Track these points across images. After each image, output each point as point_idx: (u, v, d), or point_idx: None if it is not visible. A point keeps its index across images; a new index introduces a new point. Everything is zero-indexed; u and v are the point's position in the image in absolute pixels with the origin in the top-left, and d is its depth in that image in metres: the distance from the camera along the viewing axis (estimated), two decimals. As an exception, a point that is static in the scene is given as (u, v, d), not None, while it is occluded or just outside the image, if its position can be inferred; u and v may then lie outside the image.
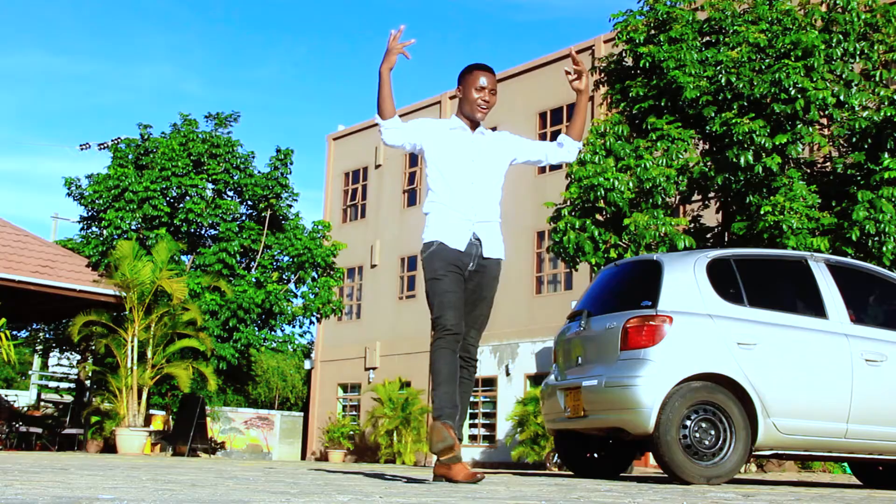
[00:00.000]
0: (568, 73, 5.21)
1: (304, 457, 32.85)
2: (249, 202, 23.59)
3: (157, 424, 23.66)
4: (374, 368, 31.95)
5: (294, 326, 23.71)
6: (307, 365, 35.82)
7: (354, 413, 32.60)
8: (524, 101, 28.62)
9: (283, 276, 23.37)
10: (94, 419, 18.94)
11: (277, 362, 43.78)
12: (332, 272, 23.90)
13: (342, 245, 24.40)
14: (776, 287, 7.28)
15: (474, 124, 5.09)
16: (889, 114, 12.40)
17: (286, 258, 23.35)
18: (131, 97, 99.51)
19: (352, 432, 30.70)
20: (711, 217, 15.24)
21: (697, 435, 6.29)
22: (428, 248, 4.92)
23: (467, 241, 4.91)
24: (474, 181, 5.01)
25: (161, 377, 17.93)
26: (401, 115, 4.98)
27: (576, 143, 5.28)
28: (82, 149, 35.87)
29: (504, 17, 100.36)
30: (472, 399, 29.05)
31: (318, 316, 23.91)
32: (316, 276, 23.54)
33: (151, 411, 22.08)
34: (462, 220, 4.95)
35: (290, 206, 23.85)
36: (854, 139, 13.12)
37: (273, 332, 23.09)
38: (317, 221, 24.24)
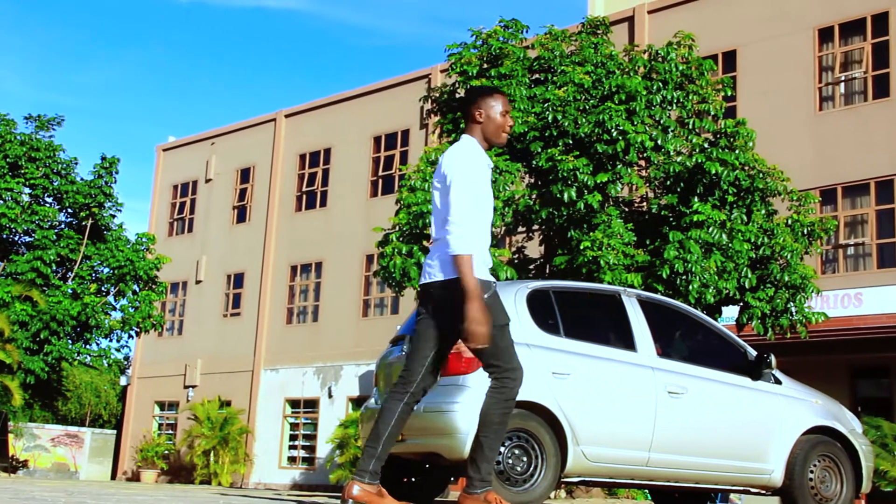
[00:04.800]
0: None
1: (114, 476, 31.60)
2: (69, 210, 22.72)
3: (-48, 441, 22.26)
4: (193, 386, 31.13)
5: (111, 340, 22.97)
6: (123, 381, 34.55)
7: (171, 432, 31.63)
8: (359, 125, 28.69)
9: (102, 289, 22.57)
10: None
11: (91, 377, 41.93)
12: (154, 286, 23.24)
13: (166, 259, 23.76)
14: (591, 319, 7.56)
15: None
16: (700, 160, 13.19)
17: (106, 270, 22.57)
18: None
19: (167, 451, 29.78)
20: (535, 249, 15.70)
21: (510, 461, 6.45)
22: (489, 288, 4.72)
23: None
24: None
25: (-40, 390, 16.95)
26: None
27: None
28: None
29: (343, 41, 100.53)
30: (293, 421, 28.76)
31: (138, 330, 23.18)
32: (137, 289, 22.86)
33: (-53, 426, 20.78)
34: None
35: (114, 216, 23.15)
36: (668, 182, 13.86)
37: (88, 346, 22.24)
38: (141, 234, 23.55)
